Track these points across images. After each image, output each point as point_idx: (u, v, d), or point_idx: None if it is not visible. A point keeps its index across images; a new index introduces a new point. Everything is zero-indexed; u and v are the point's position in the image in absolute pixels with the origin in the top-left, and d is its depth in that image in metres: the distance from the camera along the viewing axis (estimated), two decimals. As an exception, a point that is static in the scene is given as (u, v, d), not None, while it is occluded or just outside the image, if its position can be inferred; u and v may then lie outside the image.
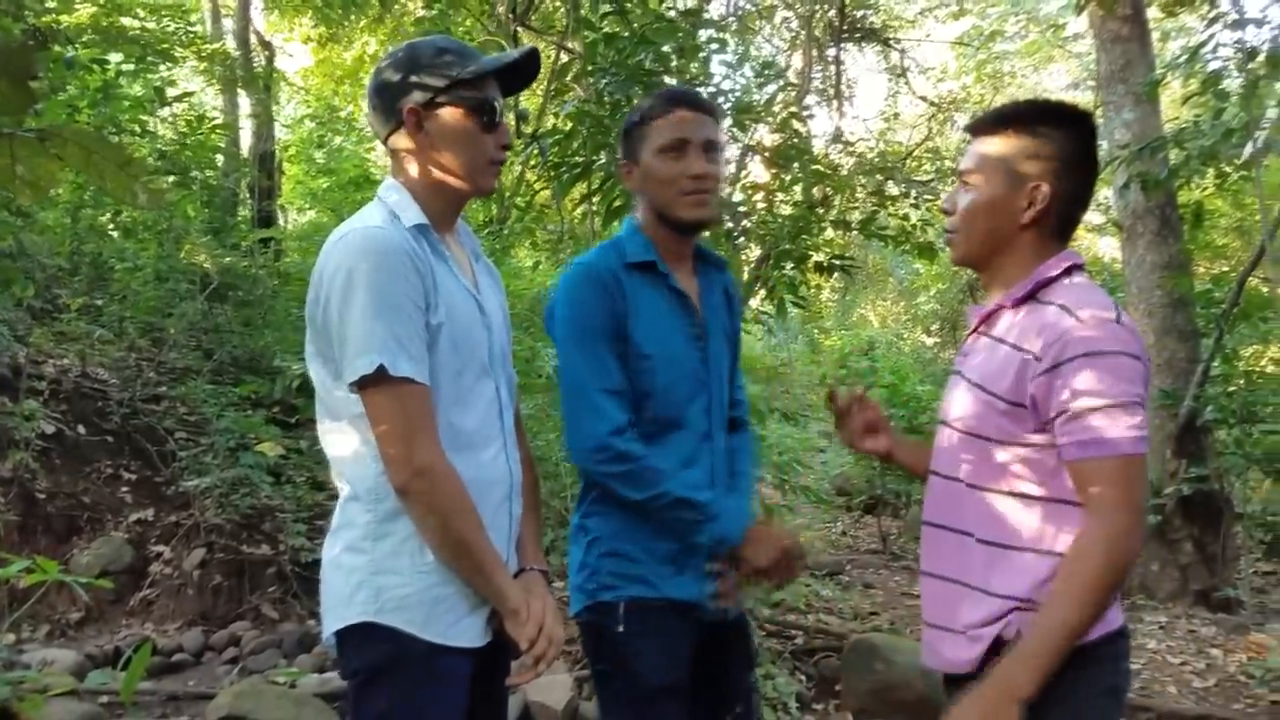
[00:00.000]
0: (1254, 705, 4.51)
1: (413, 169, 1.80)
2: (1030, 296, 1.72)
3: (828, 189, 5.16)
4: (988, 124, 1.79)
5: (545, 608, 1.77)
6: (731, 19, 12.24)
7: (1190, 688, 4.68)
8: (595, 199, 4.76)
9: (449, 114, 1.76)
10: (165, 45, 8.39)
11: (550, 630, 1.75)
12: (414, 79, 1.76)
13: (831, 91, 14.63)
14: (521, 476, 1.89)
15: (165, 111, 8.97)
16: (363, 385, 1.62)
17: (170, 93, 8.85)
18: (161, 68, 8.46)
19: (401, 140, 1.79)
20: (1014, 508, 1.68)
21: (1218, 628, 5.71)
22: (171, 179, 8.17)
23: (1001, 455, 1.69)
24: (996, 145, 1.76)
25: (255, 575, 5.18)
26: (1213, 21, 5.47)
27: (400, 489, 1.63)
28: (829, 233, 5.39)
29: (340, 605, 1.70)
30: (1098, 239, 15.89)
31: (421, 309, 1.66)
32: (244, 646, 4.71)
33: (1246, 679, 4.79)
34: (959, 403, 1.79)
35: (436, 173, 1.79)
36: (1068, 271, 1.72)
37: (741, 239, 4.90)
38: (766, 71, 5.75)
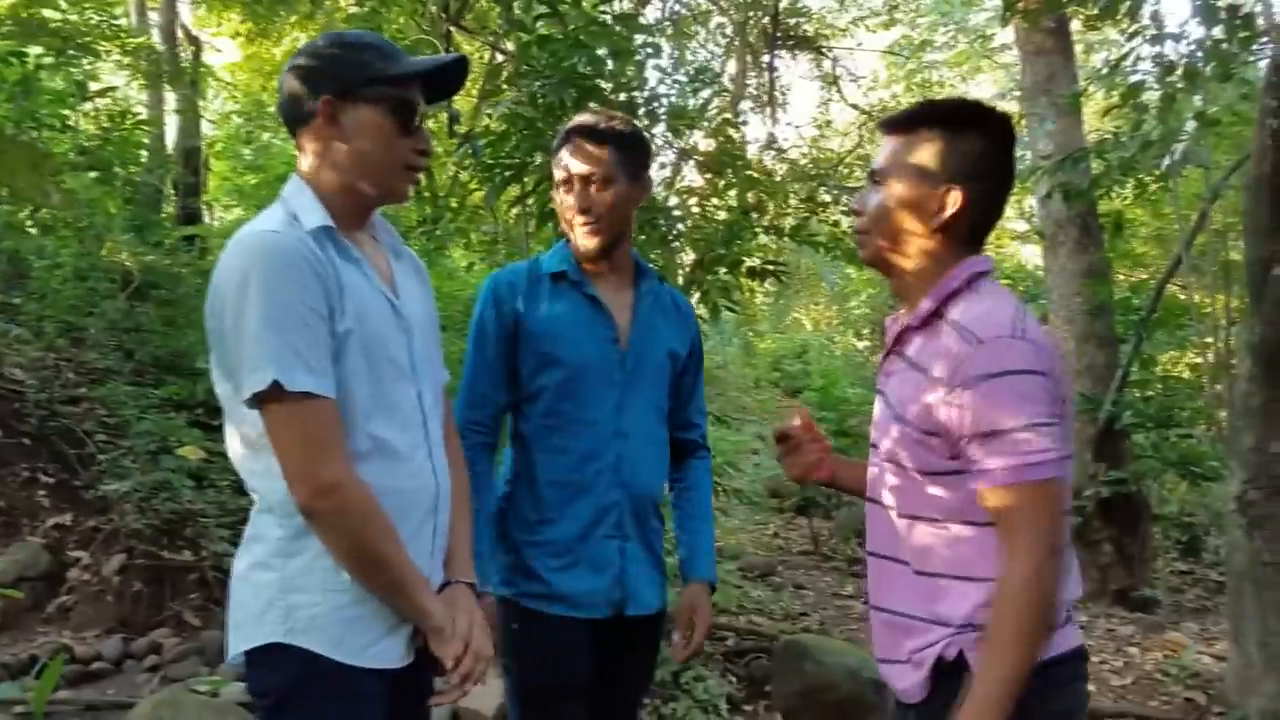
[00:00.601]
0: (1169, 703, 4.65)
1: (321, 166, 1.67)
2: (935, 314, 1.63)
3: (761, 195, 5.20)
4: (901, 122, 1.69)
5: (471, 623, 1.70)
6: (667, 24, 12.28)
7: (1109, 686, 4.80)
8: (529, 201, 4.74)
9: (366, 111, 1.63)
10: (88, 38, 8.14)
11: (477, 647, 1.68)
12: (333, 70, 1.63)
13: (765, 98, 14.78)
14: (449, 486, 1.78)
15: (87, 106, 8.75)
16: (260, 401, 1.51)
17: (93, 87, 8.63)
18: (84, 61, 8.24)
19: (312, 134, 1.66)
20: (944, 536, 1.61)
21: (1135, 626, 5.87)
22: (93, 175, 7.96)
23: (924, 483, 1.62)
24: (909, 144, 1.66)
25: (177, 581, 5.05)
26: (1133, 36, 5.61)
27: (303, 509, 1.52)
28: (762, 238, 5.43)
29: (249, 624, 1.60)
30: (1021, 247, 16.25)
31: (323, 317, 1.54)
32: (165, 654, 4.58)
33: (1162, 677, 4.93)
34: (882, 428, 1.71)
35: (346, 172, 1.66)
36: (971, 280, 1.62)
37: (676, 243, 4.92)
38: (701, 77, 5.76)
